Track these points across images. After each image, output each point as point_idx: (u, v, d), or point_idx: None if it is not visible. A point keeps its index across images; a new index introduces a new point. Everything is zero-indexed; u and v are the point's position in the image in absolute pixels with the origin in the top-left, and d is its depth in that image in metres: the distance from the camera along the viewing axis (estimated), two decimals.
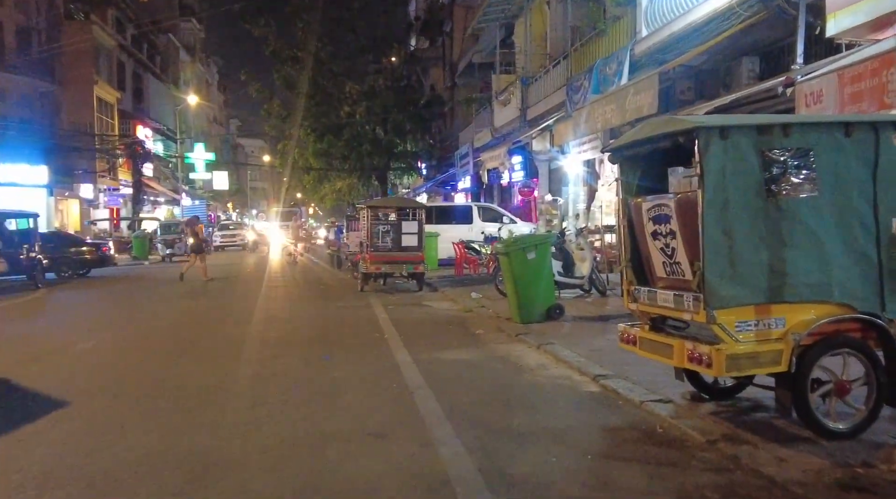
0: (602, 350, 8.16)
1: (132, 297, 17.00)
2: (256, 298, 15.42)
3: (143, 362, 8.35)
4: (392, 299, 14.69)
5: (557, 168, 24.10)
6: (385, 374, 7.43)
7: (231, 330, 10.72)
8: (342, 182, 40.12)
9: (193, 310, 13.73)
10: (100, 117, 35.43)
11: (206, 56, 64.84)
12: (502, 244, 10.73)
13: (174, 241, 31.67)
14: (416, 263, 15.84)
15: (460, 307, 13.00)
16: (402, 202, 18.62)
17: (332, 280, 20.14)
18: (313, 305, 14.17)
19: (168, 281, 20.90)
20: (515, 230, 22.48)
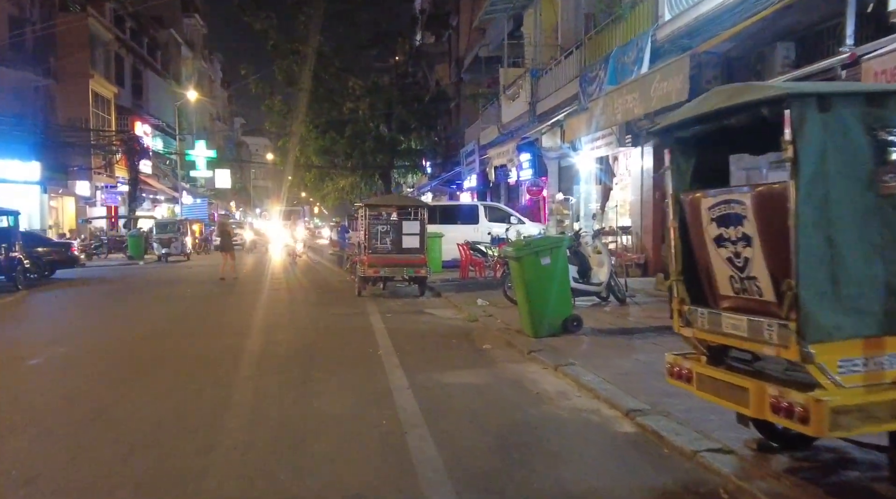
0: (631, 374, 6.88)
1: (114, 301, 15.76)
2: (244, 303, 14.20)
3: (87, 386, 7.08)
4: (391, 306, 13.41)
5: (568, 166, 22.82)
6: (375, 403, 6.15)
7: (205, 343, 9.46)
8: (345, 180, 38.86)
9: (172, 317, 12.47)
10: (96, 113, 34.22)
11: (209, 53, 63.65)
12: (512, 247, 9.44)
13: (170, 240, 30.45)
14: (418, 267, 14.57)
15: (465, 316, 11.73)
16: (402, 201, 17.31)
17: (330, 283, 18.87)
18: (305, 311, 12.90)
19: (159, 283, 19.67)
20: (524, 231, 21.24)
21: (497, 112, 25.34)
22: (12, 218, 18.41)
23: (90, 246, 31.00)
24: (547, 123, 19.75)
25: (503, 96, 24.52)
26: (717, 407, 4.55)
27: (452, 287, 15.90)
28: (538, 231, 21.33)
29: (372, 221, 14.62)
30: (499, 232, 20.85)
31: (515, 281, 9.63)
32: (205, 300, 14.98)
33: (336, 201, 43.16)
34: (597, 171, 19.89)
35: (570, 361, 7.51)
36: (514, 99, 23.52)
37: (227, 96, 72.71)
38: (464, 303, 12.98)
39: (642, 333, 9.11)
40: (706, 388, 4.26)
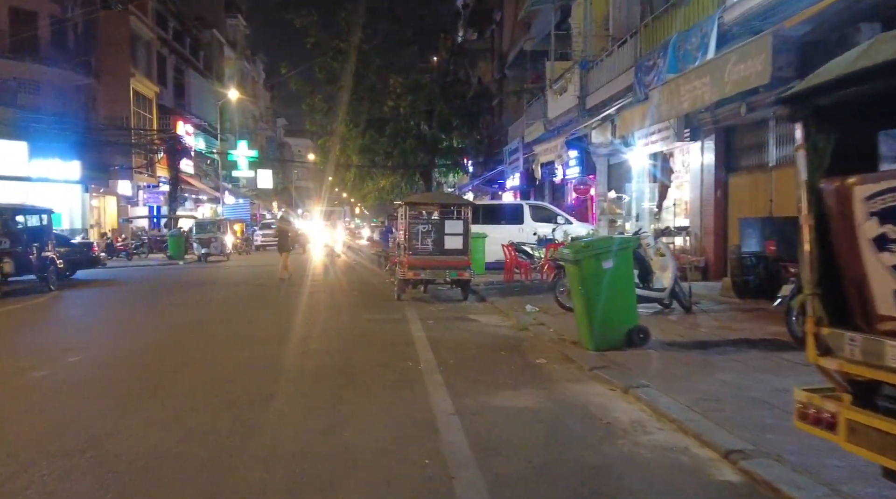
0: (718, 400, 5.76)
1: (144, 305, 15.07)
2: (276, 308, 13.35)
3: (87, 407, 6.18)
4: (432, 311, 12.43)
5: (618, 163, 21.61)
6: (416, 435, 5.15)
7: (228, 354, 8.57)
8: (385, 180, 38.10)
9: (197, 323, 11.65)
10: (137, 112, 33.97)
11: (252, 54, 63.56)
12: (570, 249, 8.35)
13: (210, 240, 29.95)
14: (462, 269, 13.56)
15: (513, 324, 10.68)
16: (445, 198, 16.24)
17: (369, 285, 17.96)
18: (340, 316, 11.97)
19: (194, 284, 19.01)
20: (571, 231, 20.10)
21: (543, 108, 24.21)
22: (45, 217, 17.91)
23: (130, 246, 30.69)
24: (597, 118, 18.59)
25: (550, 91, 23.38)
26: (833, 446, 3.44)
27: (497, 291, 14.87)
28: (586, 232, 20.18)
29: (412, 220, 13.67)
30: (545, 232, 19.76)
31: (573, 287, 8.55)
32: (236, 304, 14.19)
33: (376, 201, 42.44)
34: (650, 168, 18.66)
35: (642, 381, 6.42)
36: (561, 93, 22.37)
37: (270, 97, 72.66)
38: (511, 309, 11.93)
39: (720, 348, 7.95)
40: (861, 440, 3.15)
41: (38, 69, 29.36)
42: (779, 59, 12.40)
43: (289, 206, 72.50)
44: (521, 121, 28.08)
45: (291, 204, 73.98)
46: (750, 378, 6.56)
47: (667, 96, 11.62)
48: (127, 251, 29.97)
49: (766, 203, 14.00)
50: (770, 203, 13.90)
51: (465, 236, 13.63)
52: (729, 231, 15.35)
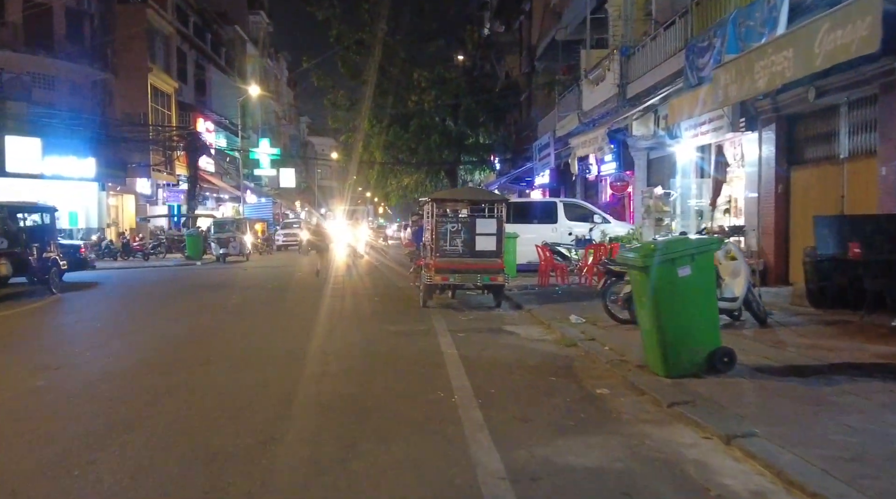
0: (860, 458, 4.23)
1: (145, 310, 13.76)
2: (289, 317, 11.94)
3: (21, 452, 4.82)
4: (463, 321, 10.95)
5: (660, 157, 19.99)
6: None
7: (225, 377, 7.15)
8: (409, 178, 36.70)
9: (200, 335, 10.26)
10: (155, 108, 32.88)
11: (275, 51, 62.49)
12: (637, 253, 6.82)
13: (228, 240, 28.72)
14: (495, 273, 12.06)
15: (557, 338, 9.18)
16: (476, 194, 14.63)
17: (394, 289, 16.52)
18: (360, 327, 10.52)
19: (207, 287, 17.70)
20: (609, 231, 18.53)
21: (577, 99, 22.61)
22: (48, 215, 16.70)
23: (147, 246, 29.57)
24: (640, 107, 16.96)
25: (585, 81, 21.78)
26: None
27: (533, 297, 13.36)
28: (626, 231, 18.62)
29: (440, 218, 12.18)
30: (581, 232, 18.25)
31: (638, 298, 7.02)
32: (246, 312, 12.80)
33: (400, 200, 41.05)
34: (698, 161, 17.02)
35: (747, 428, 4.87)
36: (598, 83, 20.76)
37: (293, 96, 71.65)
38: (552, 319, 10.42)
39: (824, 377, 6.36)
40: None
41: (53, 64, 28.37)
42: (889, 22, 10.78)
43: (311, 205, 71.46)
44: (553, 114, 26.48)
45: (314, 203, 72.94)
46: (885, 422, 5.00)
47: (735, 76, 9.99)
48: (143, 251, 28.86)
49: (837, 200, 12.31)
50: (841, 200, 12.23)
51: (499, 237, 12.13)
52: (791, 231, 13.71)
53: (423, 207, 14.41)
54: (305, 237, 31.01)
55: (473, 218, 12.17)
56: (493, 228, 12.10)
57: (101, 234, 29.26)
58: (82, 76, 29.86)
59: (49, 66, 28.35)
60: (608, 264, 9.84)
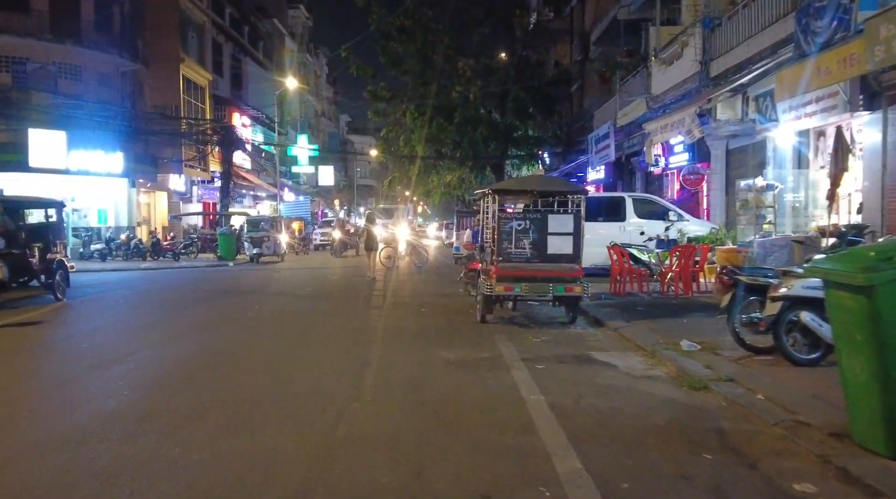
0: None
1: (151, 322, 11.57)
2: (316, 334, 9.62)
3: None
4: (535, 344, 8.51)
5: (742, 146, 17.37)
6: None
7: (206, 445, 4.78)
8: (451, 175, 34.30)
9: (203, 360, 7.99)
10: (188, 101, 31.05)
11: (315, 47, 60.65)
12: (849, 263, 4.31)
13: (262, 239, 26.68)
14: (571, 282, 9.62)
15: (672, 373, 6.73)
16: (548, 184, 11.73)
17: (442, 297, 14.13)
18: (405, 353, 8.13)
19: (231, 292, 15.55)
20: (688, 230, 15.95)
21: (644, 83, 19.99)
22: (54, 211, 14.70)
23: (178, 245, 27.69)
24: (728, 86, 14.30)
25: (655, 61, 19.15)
26: None
27: (611, 309, 10.86)
28: (706, 230, 16.00)
29: (502, 215, 9.75)
30: (653, 231, 15.67)
31: (841, 331, 4.49)
32: (267, 328, 10.49)
33: (443, 198, 38.67)
34: (799, 148, 14.32)
35: None
36: (671, 62, 18.13)
37: (333, 93, 69.86)
38: (653, 343, 7.95)
39: None
40: None
41: (80, 53, 26.65)
42: None
43: (351, 204, 69.66)
44: (612, 102, 23.86)
45: (353, 202, 71.14)
46: None
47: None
48: (174, 251, 26.98)
49: None
50: None
51: (577, 237, 9.66)
52: None
53: (479, 201, 11.99)
54: (338, 236, 28.77)
55: (544, 214, 9.70)
56: (568, 227, 9.64)
57: (131, 232, 27.48)
58: (111, 67, 28.12)
59: (75, 56, 26.65)
60: (737, 274, 7.29)
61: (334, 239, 29.65)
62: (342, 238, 29.17)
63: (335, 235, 29.68)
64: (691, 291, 12.70)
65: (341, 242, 28.95)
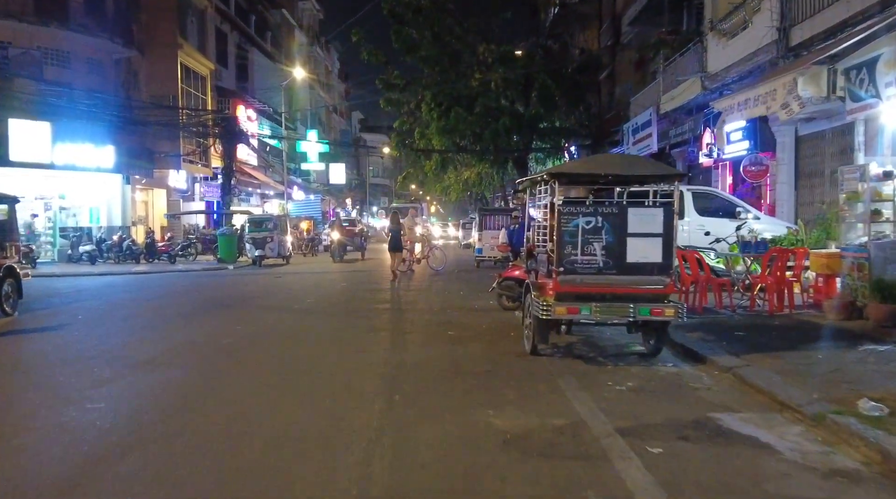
0: None
1: (103, 349, 8.88)
2: (306, 376, 6.83)
3: None
4: (623, 397, 5.75)
5: (815, 133, 14.59)
6: None
7: None
8: (469, 171, 31.57)
9: (138, 423, 5.31)
10: (187, 90, 28.39)
11: (326, 41, 57.98)
12: None
13: (265, 240, 24.02)
14: (660, 302, 6.85)
15: (870, 459, 3.94)
16: (632, 165, 8.02)
17: (471, 312, 11.39)
18: (429, 414, 5.33)
19: (224, 303, 12.84)
20: (760, 230, 13.12)
21: (699, 60, 17.14)
22: (6, 208, 12.07)
23: (175, 246, 25.06)
24: (820, 56, 11.44)
25: (712, 35, 16.33)
26: None
27: (700, 334, 8.07)
28: (783, 231, 13.21)
29: (566, 209, 6.95)
30: (719, 231, 12.88)
31: None
32: (237, 365, 7.72)
33: (461, 194, 35.96)
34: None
35: None
36: (734, 34, 15.31)
37: (345, 89, 67.20)
38: (802, 398, 5.21)
39: None
40: None
41: (67, 37, 24.08)
42: None
43: (363, 203, 67.05)
44: (654, 87, 21.01)
45: (366, 201, 68.52)
46: None
47: None
48: (169, 253, 24.35)
49: None
50: None
51: (669, 239, 6.87)
52: None
53: (524, 194, 9.23)
54: (336, 238, 25.28)
55: (623, 208, 6.91)
56: (656, 225, 6.86)
57: (123, 232, 24.88)
58: (102, 53, 25.54)
59: (63, 41, 24.09)
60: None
61: (332, 240, 26.06)
62: (341, 239, 25.54)
63: (333, 236, 26.03)
64: (783, 307, 9.93)
65: (340, 243, 25.39)
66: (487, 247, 21.49)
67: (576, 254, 6.88)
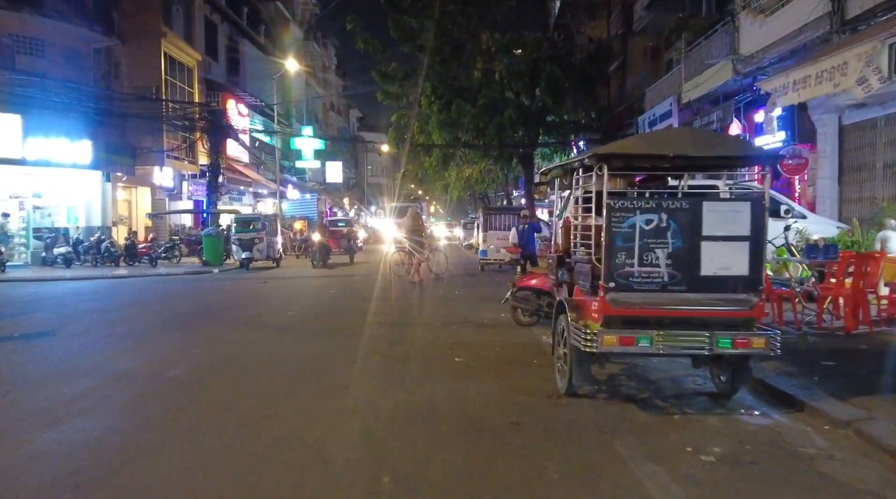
0: None
1: (40, 378, 7.05)
2: (261, 429, 4.96)
3: None
4: (711, 474, 3.91)
5: (867, 121, 12.82)
6: None
7: None
8: (471, 169, 29.67)
9: None
10: (172, 82, 26.46)
11: (323, 37, 56.06)
12: None
13: (253, 241, 22.16)
14: (745, 329, 5.03)
15: None
16: (707, 144, 5.58)
17: (480, 328, 9.56)
18: (429, 496, 3.58)
19: (195, 316, 10.96)
20: (810, 231, 11.31)
21: (729, 42, 15.30)
22: None
23: (157, 249, 23.18)
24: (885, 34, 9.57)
25: (745, 13, 14.50)
26: None
27: (775, 362, 6.21)
28: (833, 231, 11.42)
29: (618, 204, 5.09)
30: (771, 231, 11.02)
31: None
32: (187, 401, 5.90)
33: (463, 193, 34.10)
34: None
35: None
36: (773, 11, 13.48)
37: (343, 86, 65.28)
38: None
39: None
40: None
41: (41, 23, 22.16)
42: None
43: (361, 202, 65.16)
44: (674, 74, 19.21)
45: (364, 201, 66.63)
46: None
47: None
48: (150, 255, 22.48)
49: None
50: None
51: (758, 245, 5.03)
52: None
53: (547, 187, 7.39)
54: (317, 239, 22.78)
55: (695, 202, 5.06)
56: (742, 225, 5.03)
57: (102, 233, 23.02)
58: (80, 41, 23.66)
59: (36, 27, 22.19)
60: None
61: (313, 243, 23.23)
62: (322, 241, 22.63)
63: (314, 238, 23.25)
64: (858, 323, 8.13)
65: (321, 246, 22.49)
66: (493, 249, 19.68)
67: (631, 264, 5.03)
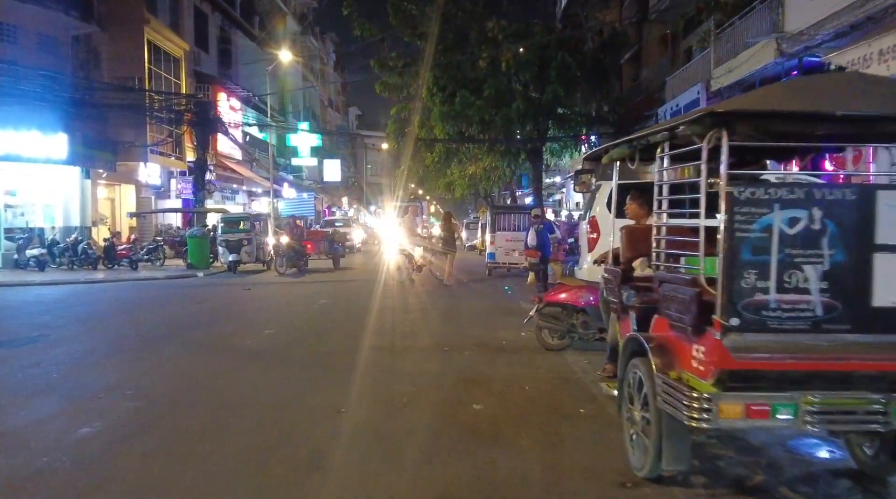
0: None
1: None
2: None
3: None
4: None
5: None
6: None
7: None
8: (475, 166, 27.76)
9: None
10: (156, 73, 24.53)
11: (321, 32, 54.11)
12: None
13: (240, 243, 20.25)
14: None
15: None
16: (874, 95, 3.52)
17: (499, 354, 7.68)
18: None
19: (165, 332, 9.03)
20: None
21: (770, 19, 13.40)
22: None
23: (138, 251, 21.25)
24: None
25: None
26: None
27: None
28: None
29: (744, 195, 3.19)
30: None
31: None
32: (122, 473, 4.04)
33: (467, 191, 32.15)
34: None
35: None
36: None
37: (342, 83, 63.32)
38: None
39: None
40: None
41: (14, 8, 20.30)
42: None
43: (360, 202, 63.25)
44: (701, 60, 17.32)
45: (363, 200, 64.71)
46: None
47: None
48: (130, 258, 20.58)
49: None
50: None
51: None
52: None
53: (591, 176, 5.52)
54: (285, 242, 19.69)
55: (864, 192, 3.19)
56: None
57: (80, 234, 21.12)
58: (56, 28, 21.75)
59: (7, 12, 20.31)
60: None
61: (280, 246, 19.78)
62: (290, 244, 19.63)
63: (282, 241, 19.85)
64: None
65: (290, 249, 19.48)
66: (502, 251, 17.81)
67: (765, 289, 3.14)
